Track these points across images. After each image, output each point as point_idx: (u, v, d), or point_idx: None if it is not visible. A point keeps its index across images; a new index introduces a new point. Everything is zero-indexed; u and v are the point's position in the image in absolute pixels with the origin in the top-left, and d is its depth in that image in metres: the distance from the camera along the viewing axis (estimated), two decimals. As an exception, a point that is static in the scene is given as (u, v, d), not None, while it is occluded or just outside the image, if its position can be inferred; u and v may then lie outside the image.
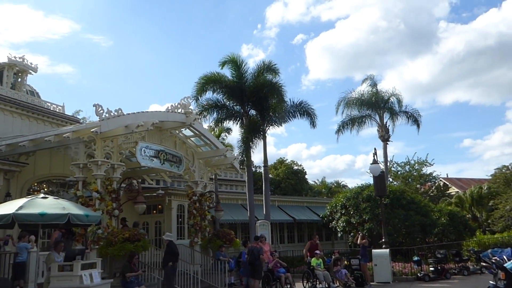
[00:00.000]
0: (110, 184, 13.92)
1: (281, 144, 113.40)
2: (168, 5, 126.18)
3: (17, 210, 8.27)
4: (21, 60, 21.73)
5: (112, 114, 13.08)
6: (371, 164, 18.29)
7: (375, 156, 18.50)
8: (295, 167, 48.59)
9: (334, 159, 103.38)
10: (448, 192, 46.42)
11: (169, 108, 15.88)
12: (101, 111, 12.78)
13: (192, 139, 18.69)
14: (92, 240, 12.85)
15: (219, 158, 19.20)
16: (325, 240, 31.66)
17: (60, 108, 22.72)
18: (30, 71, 22.21)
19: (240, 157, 23.28)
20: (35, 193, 17.87)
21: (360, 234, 17.37)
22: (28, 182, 16.98)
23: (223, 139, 25.38)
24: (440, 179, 46.97)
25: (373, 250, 17.09)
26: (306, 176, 49.80)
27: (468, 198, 37.36)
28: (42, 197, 9.19)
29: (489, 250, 13.73)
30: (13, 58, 21.43)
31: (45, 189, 18.16)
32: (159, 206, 21.98)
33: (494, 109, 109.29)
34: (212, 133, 23.83)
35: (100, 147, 13.61)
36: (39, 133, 14.48)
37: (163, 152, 16.68)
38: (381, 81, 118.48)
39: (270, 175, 50.59)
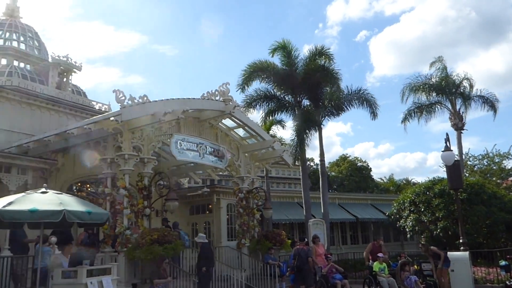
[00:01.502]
0: (141, 180, 12.58)
1: (348, 143, 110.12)
2: (229, 11, 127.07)
3: (4, 206, 6.99)
4: (65, 59, 21.28)
5: (136, 101, 11.69)
6: (442, 151, 15.54)
7: (448, 142, 15.71)
8: (359, 164, 45.71)
9: (404, 157, 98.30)
10: (535, 187, 41.28)
11: (205, 95, 14.29)
12: (122, 98, 11.41)
13: (236, 130, 17.05)
14: (120, 242, 11.55)
15: (266, 151, 17.40)
16: (393, 241, 28.80)
17: (106, 106, 22.05)
18: (75, 69, 21.72)
19: (294, 150, 21.34)
20: (79, 193, 17.19)
21: (423, 243, 14.82)
22: (67, 181, 16.17)
23: (274, 133, 23.54)
24: (524, 173, 41.89)
25: (449, 253, 14.34)
26: (372, 173, 46.74)
27: (561, 192, 32.67)
28: (42, 192, 7.89)
29: None
30: (56, 57, 21.02)
31: (88, 189, 17.39)
32: (210, 206, 20.65)
33: None
34: (262, 126, 22.10)
35: (127, 139, 12.31)
36: (64, 127, 13.48)
37: (202, 145, 15.16)
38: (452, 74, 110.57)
39: (333, 173, 48.24)
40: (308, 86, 21.84)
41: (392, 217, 24.19)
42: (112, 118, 11.25)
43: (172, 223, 15.20)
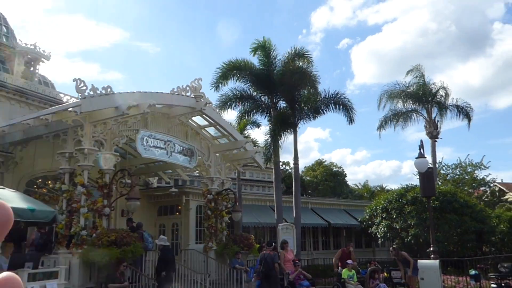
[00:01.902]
0: (102, 177, 11.86)
1: (325, 149, 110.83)
2: (213, 12, 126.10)
3: None
4: (33, 47, 20.28)
5: (98, 92, 10.98)
6: (416, 158, 15.30)
7: (422, 149, 15.49)
8: (334, 169, 45.50)
9: (380, 164, 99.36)
10: (504, 198, 41.78)
11: (175, 90, 13.65)
12: (83, 87, 10.69)
13: (207, 129, 16.46)
14: (75, 243, 10.81)
15: (238, 151, 16.86)
16: (365, 248, 28.60)
17: (75, 99, 21.13)
18: (43, 59, 20.73)
19: (267, 152, 20.85)
20: (39, 190, 16.27)
21: (393, 247, 14.47)
22: (25, 176, 15.28)
23: (248, 134, 22.97)
24: (495, 183, 42.39)
25: (419, 261, 14.06)
26: (346, 179, 46.61)
27: (530, 203, 33.14)
28: (-19, 187, 7.15)
29: None
30: (24, 45, 20.01)
31: (50, 185, 16.50)
32: (179, 207, 19.96)
33: None
34: (237, 127, 21.53)
35: (88, 133, 11.58)
36: (20, 118, 12.66)
37: (171, 143, 14.52)
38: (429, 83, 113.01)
39: (308, 177, 47.92)
40: (285, 87, 21.39)
41: (365, 223, 23.96)
42: (70, 109, 10.52)
43: (136, 223, 14.50)
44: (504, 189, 43.86)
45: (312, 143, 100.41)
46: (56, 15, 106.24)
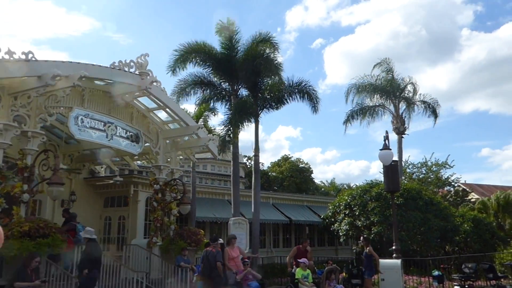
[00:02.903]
0: (22, 158, 10.23)
1: (296, 148, 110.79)
2: (188, 6, 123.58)
3: None
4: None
5: (17, 57, 9.35)
6: (380, 150, 14.28)
7: (387, 141, 14.48)
8: (301, 165, 44.62)
9: (349, 164, 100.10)
10: (468, 198, 41.89)
11: (116, 64, 12.09)
12: (-5, 50, 9.01)
13: (157, 113, 14.96)
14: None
15: (190, 138, 15.43)
16: (328, 246, 27.63)
17: None
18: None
19: (225, 141, 19.48)
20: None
21: (365, 237, 13.22)
22: None
23: (207, 122, 21.50)
24: (459, 184, 42.46)
25: (380, 260, 13.01)
26: (313, 175, 45.82)
27: (493, 204, 33.05)
28: None
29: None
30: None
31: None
32: (127, 199, 18.35)
33: None
34: (193, 115, 20.08)
35: (7, 105, 9.93)
36: None
37: (112, 125, 12.96)
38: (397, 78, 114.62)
39: (273, 173, 46.85)
40: (247, 73, 20.06)
41: (327, 220, 22.95)
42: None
43: (69, 214, 12.90)
44: (468, 189, 44.06)
45: (283, 142, 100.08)
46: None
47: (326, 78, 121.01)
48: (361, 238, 13.06)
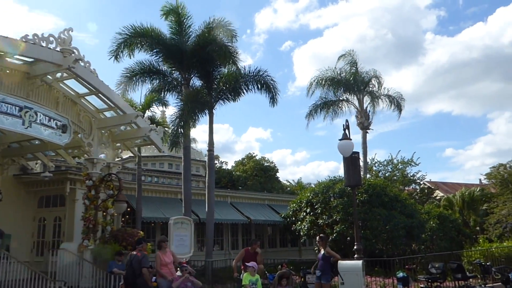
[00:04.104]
0: None
1: (266, 149, 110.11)
2: (155, 10, 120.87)
3: None
4: None
5: None
6: (340, 140, 12.92)
7: (347, 130, 13.10)
8: (266, 164, 43.16)
9: (318, 165, 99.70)
10: (433, 196, 41.61)
11: (29, 37, 10.24)
12: None
13: (90, 100, 13.18)
14: None
15: (128, 129, 13.72)
16: (291, 246, 26.30)
17: None
18: None
19: (175, 134, 17.81)
20: None
21: (321, 236, 11.81)
22: None
23: (153, 114, 19.74)
24: (425, 182, 42.15)
25: (339, 262, 11.59)
26: (278, 175, 44.40)
27: (458, 200, 32.54)
28: None
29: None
30: None
31: None
32: (65, 198, 16.45)
33: (476, 120, 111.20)
34: (139, 106, 18.35)
35: None
36: None
37: (30, 111, 11.14)
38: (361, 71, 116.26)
39: (237, 172, 45.22)
40: (199, 61, 18.45)
41: (288, 219, 21.55)
42: None
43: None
44: (433, 187, 43.84)
45: (254, 143, 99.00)
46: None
47: (295, 80, 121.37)
48: (317, 237, 11.60)
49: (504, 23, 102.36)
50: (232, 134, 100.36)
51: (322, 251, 10.79)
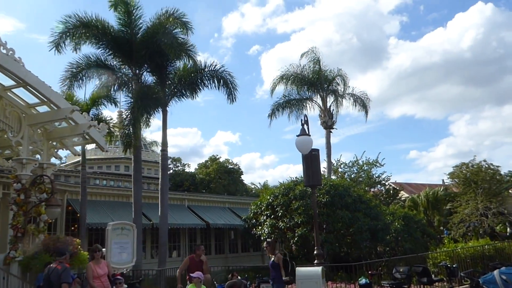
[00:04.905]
0: None
1: (235, 153, 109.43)
2: None
3: None
4: None
5: None
6: (297, 135, 11.95)
7: (305, 126, 12.16)
8: (230, 166, 42.02)
9: (287, 168, 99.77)
10: (398, 197, 41.55)
11: None
12: None
13: (18, 93, 11.71)
14: None
15: (67, 126, 12.30)
16: (254, 251, 25.23)
17: None
18: None
19: (125, 134, 16.50)
20: None
21: (269, 241, 10.78)
22: None
23: (101, 113, 18.26)
24: (390, 183, 42.05)
25: (297, 269, 10.59)
26: (244, 177, 43.35)
27: (423, 200, 32.37)
28: None
29: (498, 270, 7.89)
30: None
31: None
32: None
33: (438, 123, 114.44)
34: (83, 103, 16.92)
35: None
36: None
37: None
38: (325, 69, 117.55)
39: (201, 175, 43.87)
40: (149, 54, 17.20)
41: (248, 222, 20.47)
42: None
43: None
44: (397, 188, 43.83)
45: (222, 147, 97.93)
46: None
47: (263, 84, 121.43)
48: (264, 243, 10.55)
49: (463, 28, 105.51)
50: (200, 138, 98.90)
51: (272, 258, 9.74)
